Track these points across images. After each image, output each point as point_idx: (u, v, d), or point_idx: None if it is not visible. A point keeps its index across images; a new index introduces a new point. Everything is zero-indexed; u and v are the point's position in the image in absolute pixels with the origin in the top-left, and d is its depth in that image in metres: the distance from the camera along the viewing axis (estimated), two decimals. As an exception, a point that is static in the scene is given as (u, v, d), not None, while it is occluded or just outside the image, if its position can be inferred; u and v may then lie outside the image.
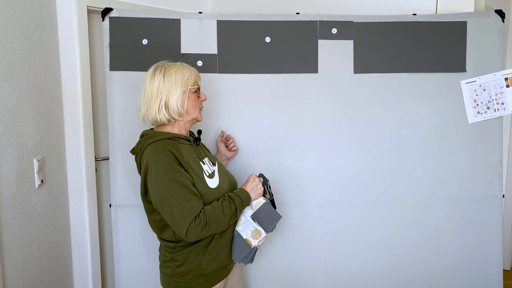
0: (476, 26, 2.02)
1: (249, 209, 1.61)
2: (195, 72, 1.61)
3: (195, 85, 1.58)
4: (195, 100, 1.59)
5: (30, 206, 1.86)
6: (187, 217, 1.43)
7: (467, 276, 2.09)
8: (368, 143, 2.04)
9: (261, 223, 1.59)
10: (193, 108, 1.58)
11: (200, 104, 1.62)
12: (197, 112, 1.60)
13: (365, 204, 2.06)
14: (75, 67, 2.18)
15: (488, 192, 2.06)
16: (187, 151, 1.55)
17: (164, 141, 1.51)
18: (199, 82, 1.63)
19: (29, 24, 1.85)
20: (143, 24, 1.93)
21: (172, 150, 1.47)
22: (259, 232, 1.58)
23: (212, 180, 1.57)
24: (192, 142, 1.61)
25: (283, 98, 2.02)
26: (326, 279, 2.08)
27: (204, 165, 1.59)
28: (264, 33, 1.99)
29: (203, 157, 1.63)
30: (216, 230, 1.50)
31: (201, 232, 1.45)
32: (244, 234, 1.59)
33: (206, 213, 1.46)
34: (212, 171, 1.60)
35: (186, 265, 1.54)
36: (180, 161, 1.47)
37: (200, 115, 1.63)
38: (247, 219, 1.59)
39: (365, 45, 2.02)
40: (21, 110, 1.78)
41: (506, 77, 2.01)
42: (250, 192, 1.59)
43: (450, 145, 2.05)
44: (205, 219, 1.45)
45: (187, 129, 1.63)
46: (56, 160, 2.09)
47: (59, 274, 2.12)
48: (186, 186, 1.45)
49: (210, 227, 1.46)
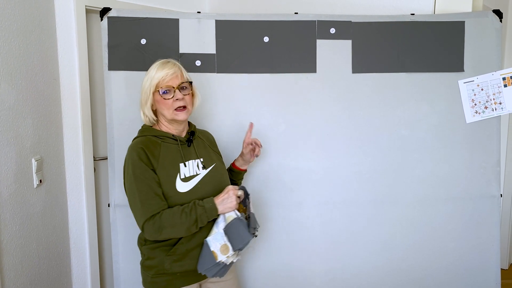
0: (474, 26, 2.03)
1: (222, 222, 1.52)
2: (163, 71, 1.53)
3: (158, 87, 1.53)
4: (161, 102, 1.53)
5: (28, 206, 1.86)
6: (143, 215, 1.47)
7: (465, 275, 2.10)
8: (367, 143, 2.04)
9: (230, 239, 1.49)
10: (164, 110, 1.54)
11: (173, 105, 1.53)
12: (170, 112, 1.54)
13: (363, 203, 2.06)
14: (74, 67, 2.18)
15: (486, 191, 2.07)
16: (168, 150, 1.55)
17: (145, 138, 1.55)
18: (174, 80, 1.53)
19: (27, 24, 1.85)
20: (141, 23, 1.93)
21: (145, 148, 1.51)
22: (227, 247, 1.49)
23: (185, 183, 1.54)
24: (178, 142, 1.58)
25: (281, 98, 2.02)
26: (325, 279, 2.08)
27: (186, 167, 1.56)
28: (262, 33, 1.99)
29: (191, 158, 1.60)
30: (172, 235, 1.50)
31: (155, 234, 1.47)
32: (212, 246, 1.50)
33: (162, 216, 1.47)
34: (191, 175, 1.57)
35: (151, 260, 1.57)
36: (150, 159, 1.49)
37: (178, 115, 1.54)
38: (219, 231, 1.50)
39: (363, 45, 2.02)
40: (19, 110, 1.78)
41: (504, 77, 2.02)
42: (219, 204, 1.50)
43: (448, 144, 2.05)
44: (159, 222, 1.46)
45: (177, 129, 1.60)
46: (55, 160, 2.09)
47: (57, 274, 2.12)
48: (148, 185, 1.48)
49: (165, 231, 1.47)
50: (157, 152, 1.53)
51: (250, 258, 2.06)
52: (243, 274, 2.07)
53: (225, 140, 1.96)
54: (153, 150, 1.52)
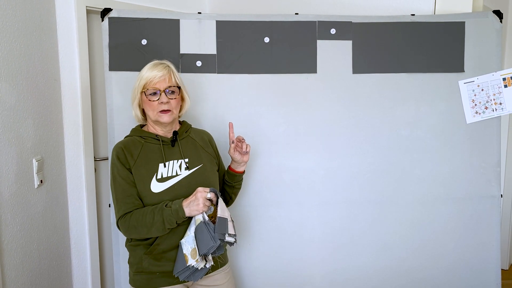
0: (474, 26, 2.03)
1: (193, 225, 1.48)
2: (152, 73, 1.54)
3: (145, 88, 1.54)
4: (147, 103, 1.55)
5: (29, 206, 1.86)
6: (118, 213, 1.53)
7: (465, 276, 2.10)
8: (367, 143, 2.05)
9: (197, 243, 1.45)
10: (149, 111, 1.57)
11: (157, 107, 1.54)
12: (154, 114, 1.55)
13: (363, 204, 2.06)
14: (74, 67, 2.18)
15: (486, 192, 2.07)
16: (150, 151, 1.58)
17: (128, 139, 1.62)
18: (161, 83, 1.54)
19: (28, 25, 1.85)
20: (142, 24, 1.94)
21: (124, 148, 1.56)
22: (196, 252, 1.45)
23: (159, 184, 1.54)
24: (160, 142, 1.59)
25: (282, 99, 2.02)
26: (324, 279, 2.08)
27: (165, 167, 1.56)
28: (263, 34, 2.00)
29: (172, 159, 1.59)
30: (143, 235, 1.51)
31: (126, 232, 1.53)
32: (184, 249, 1.48)
33: (133, 216, 1.50)
34: (169, 176, 1.56)
35: (132, 258, 1.62)
36: (127, 159, 1.54)
37: (161, 117, 1.55)
38: (191, 234, 1.47)
39: (363, 45, 2.02)
40: (20, 111, 1.79)
41: (504, 77, 2.02)
42: (185, 206, 1.46)
43: (449, 145, 2.06)
44: (129, 221, 1.50)
45: (163, 130, 1.61)
46: (55, 160, 2.09)
47: (58, 274, 2.12)
48: (123, 185, 1.53)
49: (134, 230, 1.50)
50: (136, 152, 1.56)
51: (248, 258, 2.07)
52: (241, 275, 2.07)
53: (225, 140, 1.96)
54: (133, 150, 1.56)
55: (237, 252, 2.06)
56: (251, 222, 2.04)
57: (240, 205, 2.01)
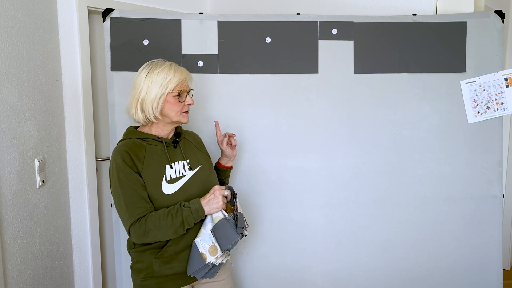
0: (476, 26, 2.03)
1: (209, 222, 1.51)
2: (181, 75, 1.54)
3: (176, 88, 1.52)
4: (175, 104, 1.53)
5: (31, 206, 1.86)
6: (130, 218, 1.46)
7: (467, 276, 2.10)
8: (369, 143, 2.05)
9: (218, 239, 1.48)
10: (172, 112, 1.53)
11: (183, 108, 1.55)
12: (178, 115, 1.55)
13: (365, 204, 2.06)
14: (76, 68, 2.19)
15: (487, 192, 2.07)
16: (154, 152, 1.54)
17: (129, 141, 1.54)
18: (187, 85, 1.56)
19: (30, 25, 1.85)
20: (144, 24, 1.94)
21: (129, 151, 1.49)
22: (216, 248, 1.48)
23: (170, 185, 1.53)
24: (164, 144, 1.57)
25: (283, 99, 2.02)
26: (326, 279, 2.08)
27: (172, 169, 1.55)
28: (264, 34, 2.00)
29: (176, 160, 1.59)
30: (159, 238, 1.48)
31: (141, 237, 1.47)
32: (200, 247, 1.49)
33: (148, 219, 1.46)
34: (177, 176, 1.56)
35: (140, 264, 1.56)
36: (135, 162, 1.48)
37: (184, 117, 1.57)
38: (207, 232, 1.49)
39: (365, 45, 2.02)
40: (22, 111, 1.79)
41: (506, 77, 2.02)
42: (205, 205, 1.49)
43: (450, 145, 2.05)
44: (145, 225, 1.46)
45: (169, 130, 1.60)
46: (57, 161, 2.10)
47: (60, 274, 2.13)
48: (133, 188, 1.47)
49: (151, 233, 1.46)
50: (142, 154, 1.52)
51: (250, 259, 2.07)
52: (242, 275, 2.07)
53: (227, 140, 1.96)
54: (138, 152, 1.51)
55: (238, 253, 2.06)
56: (253, 222, 2.04)
57: (242, 206, 2.01)
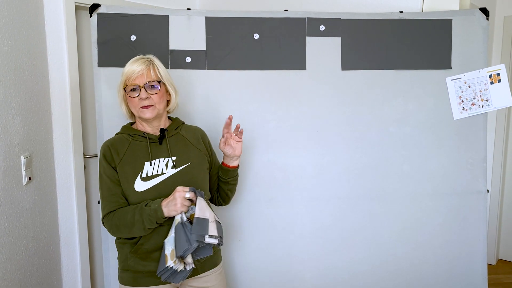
0: (461, 24, 2.05)
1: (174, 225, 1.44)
2: (129, 70, 1.52)
3: (125, 84, 1.53)
4: (130, 100, 1.54)
5: (17, 203, 1.85)
6: (103, 211, 1.54)
7: (452, 270, 2.13)
8: (356, 140, 2.06)
9: (176, 244, 1.40)
10: (132, 108, 1.56)
11: (138, 103, 1.52)
12: (137, 110, 1.54)
13: (353, 200, 2.08)
14: (63, 64, 2.17)
15: (473, 187, 2.10)
16: (137, 148, 1.56)
17: (116, 136, 1.61)
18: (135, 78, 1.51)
19: (16, 21, 1.83)
20: (131, 20, 1.93)
21: (110, 146, 1.55)
22: (174, 253, 1.40)
23: (143, 183, 1.51)
24: (147, 140, 1.57)
25: (271, 95, 2.03)
26: (314, 274, 2.10)
27: (151, 166, 1.54)
28: (252, 30, 2.00)
29: (160, 157, 1.56)
30: (126, 234, 1.51)
31: (110, 231, 1.53)
32: (166, 249, 1.42)
33: (115, 215, 1.50)
34: (153, 174, 1.53)
35: (119, 255, 1.61)
36: (113, 157, 1.53)
37: (143, 113, 1.53)
38: (172, 234, 1.42)
39: (352, 42, 2.04)
40: (8, 107, 1.77)
41: (490, 74, 2.05)
42: (164, 206, 1.43)
43: (436, 141, 2.08)
44: (112, 220, 1.50)
45: (151, 126, 1.59)
46: (44, 157, 2.08)
47: (47, 271, 2.11)
48: (108, 183, 1.53)
49: (117, 229, 1.50)
50: (123, 149, 1.55)
51: (239, 254, 2.07)
52: (232, 271, 2.08)
53: (215, 136, 1.96)
54: (119, 148, 1.55)
55: (227, 249, 2.07)
56: (241, 219, 2.05)
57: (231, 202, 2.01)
